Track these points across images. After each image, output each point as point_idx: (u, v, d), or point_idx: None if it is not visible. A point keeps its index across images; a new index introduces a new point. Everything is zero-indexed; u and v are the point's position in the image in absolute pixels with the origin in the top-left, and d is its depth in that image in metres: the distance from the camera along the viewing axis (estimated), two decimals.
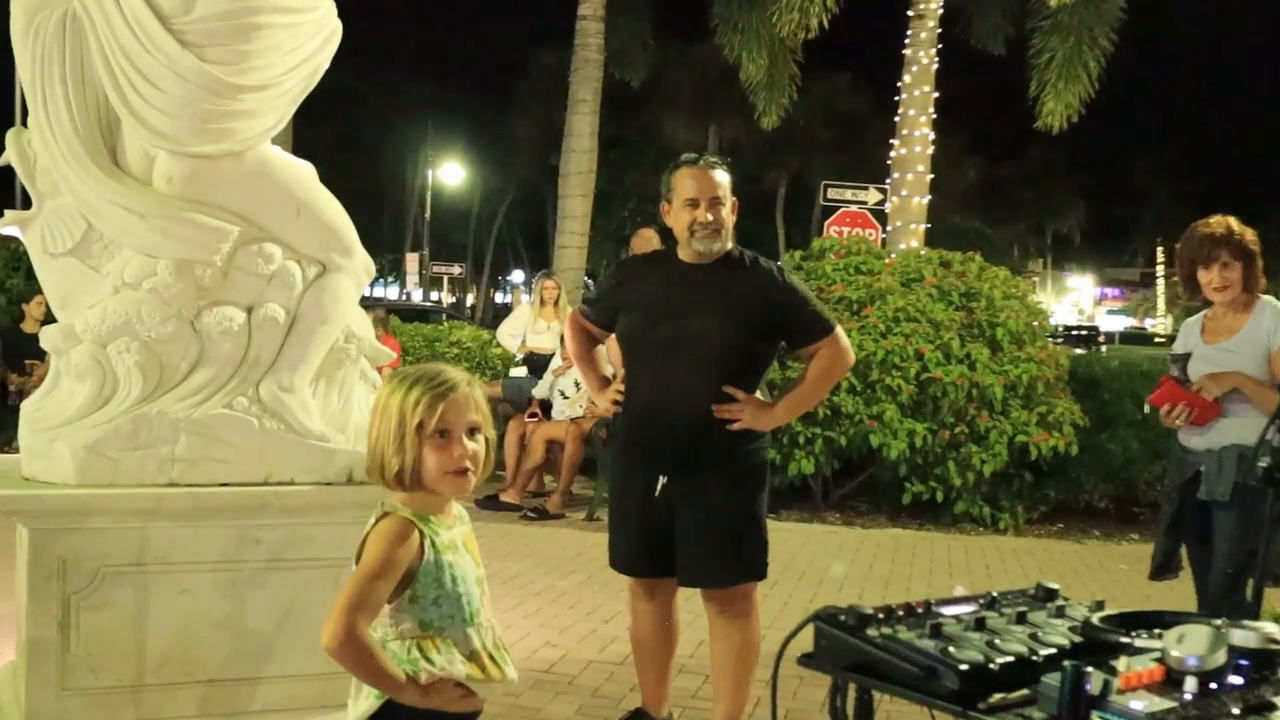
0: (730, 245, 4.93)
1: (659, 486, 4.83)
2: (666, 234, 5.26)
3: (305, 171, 4.86)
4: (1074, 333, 50.65)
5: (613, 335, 5.27)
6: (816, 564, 9.19)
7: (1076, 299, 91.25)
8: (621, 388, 5.03)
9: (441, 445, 2.92)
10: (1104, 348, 41.76)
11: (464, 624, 2.95)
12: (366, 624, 2.79)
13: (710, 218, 4.82)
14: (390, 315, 15.98)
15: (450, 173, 53.99)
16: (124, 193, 4.48)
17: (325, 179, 4.95)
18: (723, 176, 4.90)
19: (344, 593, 2.80)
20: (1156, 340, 51.59)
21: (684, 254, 4.95)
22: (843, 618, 2.45)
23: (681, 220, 4.88)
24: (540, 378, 11.89)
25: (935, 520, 11.10)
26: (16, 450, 4.73)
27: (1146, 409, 5.78)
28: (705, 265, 4.89)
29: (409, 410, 2.90)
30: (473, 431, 2.97)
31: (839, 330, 4.99)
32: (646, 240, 10.20)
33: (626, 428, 5.05)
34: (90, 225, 4.57)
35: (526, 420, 11.52)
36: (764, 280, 4.90)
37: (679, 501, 4.82)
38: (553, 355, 11.89)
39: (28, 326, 12.99)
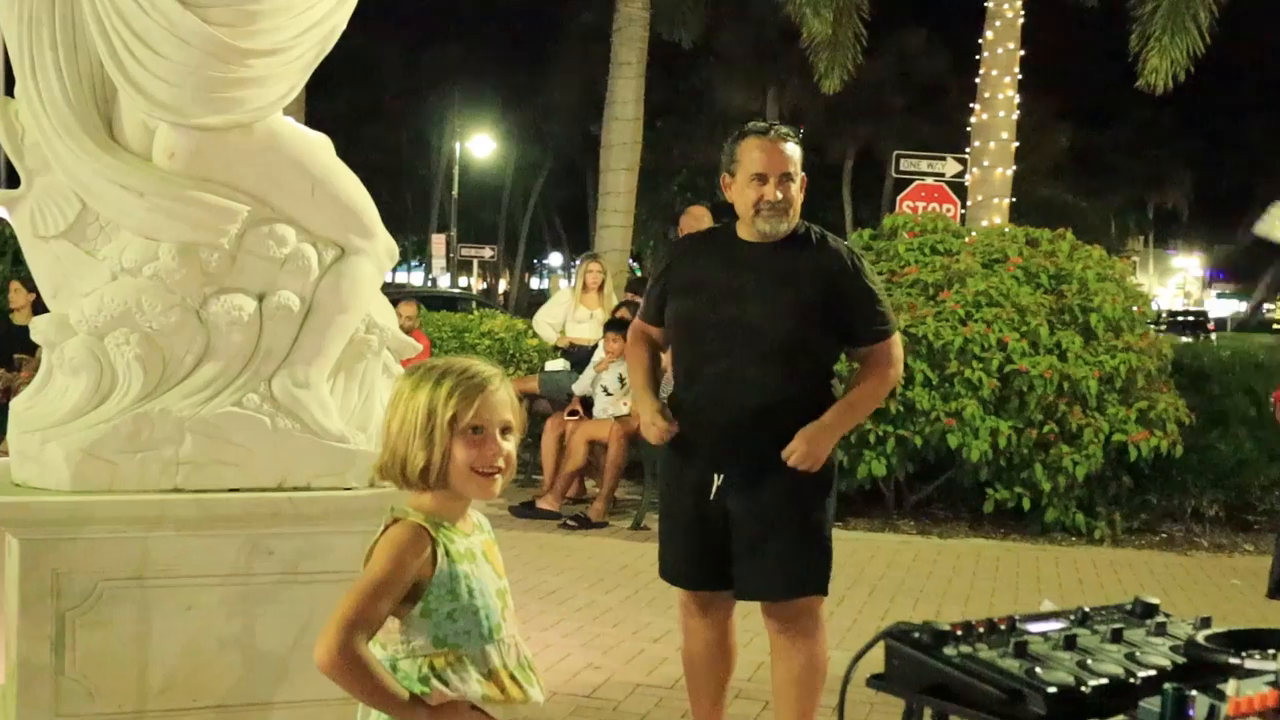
0: (796, 222, 4.93)
1: (714, 488, 4.85)
2: (720, 211, 5.26)
3: (320, 145, 4.89)
4: (1179, 319, 50.31)
5: None
6: (888, 577, 9.18)
7: (1182, 281, 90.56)
8: (673, 428, 5.00)
9: (475, 441, 2.95)
10: (1213, 336, 41.48)
11: (482, 640, 2.97)
12: (365, 640, 2.81)
13: (779, 196, 4.82)
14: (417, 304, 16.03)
15: (480, 145, 54.09)
16: (121, 169, 4.52)
17: (342, 153, 4.98)
18: (794, 150, 4.91)
19: (342, 604, 2.82)
20: (1275, 327, 51.13)
21: (744, 232, 4.95)
22: (917, 635, 2.45)
23: (746, 197, 4.88)
24: (581, 371, 11.91)
25: (1021, 529, 11.06)
26: (5, 453, 4.78)
27: (1273, 406, 5.74)
28: (768, 244, 4.90)
29: (441, 402, 2.93)
30: (505, 431, 3.01)
31: (896, 337, 5.02)
32: (697, 219, 10.21)
33: (678, 423, 5.05)
34: (85, 205, 4.61)
35: (566, 418, 11.55)
36: (832, 262, 4.90)
37: (736, 505, 4.83)
38: (595, 347, 11.90)
39: (16, 317, 13.11)
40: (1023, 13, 19.85)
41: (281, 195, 4.71)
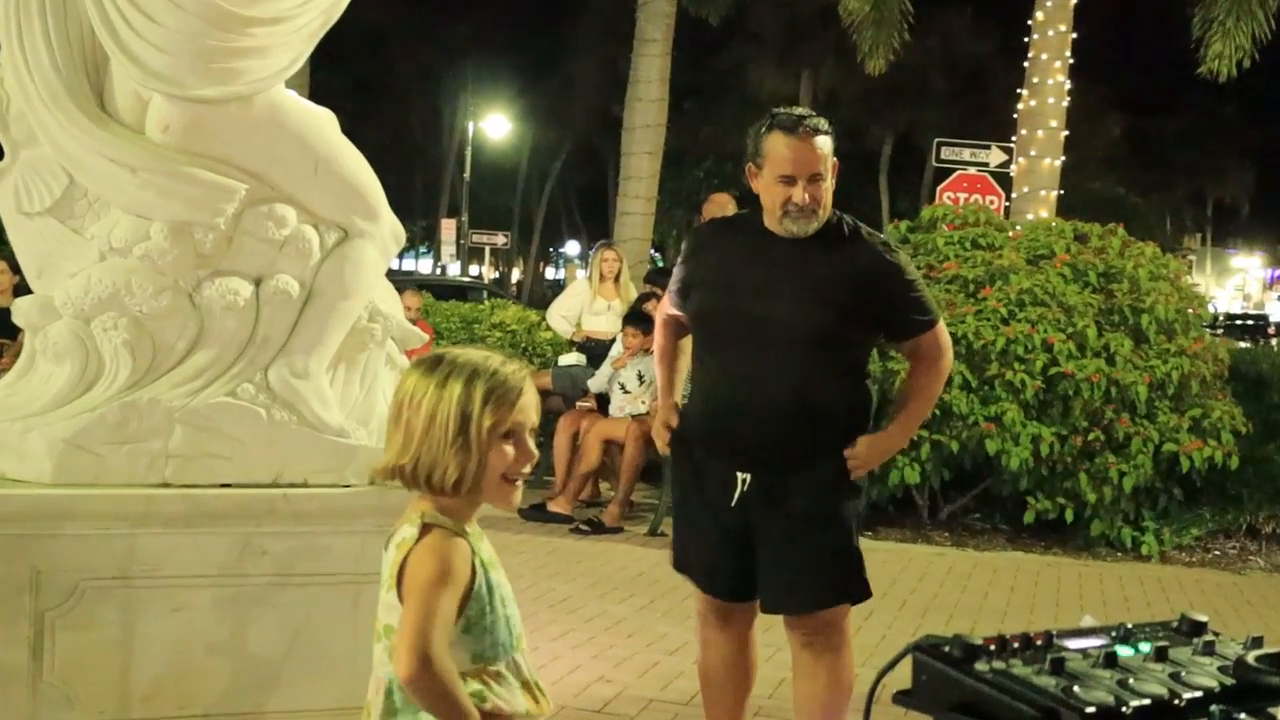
0: (827, 216, 4.91)
1: (737, 492, 4.85)
2: (746, 199, 5.23)
3: (324, 121, 4.91)
4: (1237, 322, 50.18)
5: None
6: (920, 591, 9.18)
7: (1241, 282, 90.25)
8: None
9: (509, 448, 2.96)
10: (1274, 341, 41.32)
11: (511, 651, 2.99)
12: (444, 644, 2.78)
13: (808, 198, 4.80)
14: (422, 291, 16.06)
15: (494, 125, 54.07)
16: (112, 143, 4.53)
17: (348, 131, 5.00)
18: (825, 144, 4.86)
19: (407, 614, 2.80)
20: None
21: (772, 224, 4.94)
22: (947, 649, 2.45)
23: (773, 195, 4.85)
24: (597, 367, 11.92)
25: (1063, 543, 11.04)
26: None
27: None
28: (797, 238, 4.89)
29: (477, 407, 2.91)
30: (531, 433, 3.02)
31: (940, 326, 5.01)
32: (720, 207, 10.22)
33: (697, 421, 5.05)
34: (72, 180, 4.64)
35: (580, 406, 11.56)
36: (865, 256, 4.89)
37: (760, 511, 4.83)
38: (613, 341, 11.91)
39: None
40: None
41: (282, 173, 4.72)
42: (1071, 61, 19.85)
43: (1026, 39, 20.11)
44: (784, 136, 4.84)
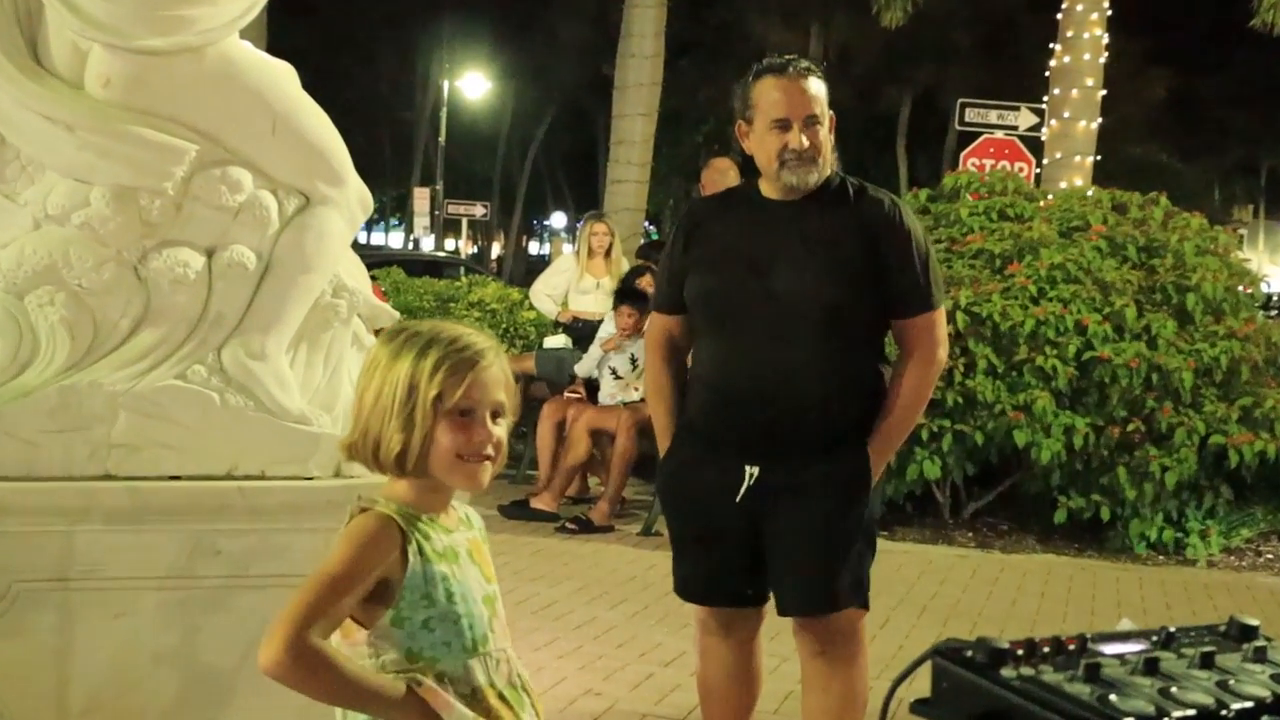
0: (830, 171, 4.91)
1: (744, 487, 4.83)
2: (748, 166, 5.23)
3: (283, 75, 4.89)
4: None
5: None
6: (941, 596, 9.20)
7: None
8: None
9: (461, 425, 2.95)
10: None
11: (464, 654, 2.97)
12: (320, 634, 2.80)
13: (805, 143, 4.81)
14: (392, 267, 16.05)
15: (472, 85, 54.05)
16: (47, 98, 4.51)
17: (310, 89, 4.98)
18: (818, 87, 4.89)
19: (291, 600, 2.83)
20: None
21: (769, 189, 4.94)
22: (970, 654, 2.45)
23: (767, 147, 4.86)
24: (585, 350, 11.91)
25: (1099, 545, 11.05)
26: None
27: None
28: (797, 201, 4.88)
29: (425, 378, 2.92)
30: (496, 413, 3.01)
31: (940, 315, 4.99)
32: (720, 172, 10.19)
33: (697, 412, 5.04)
34: (3, 140, 4.61)
35: (567, 394, 11.56)
36: (874, 215, 4.88)
37: (771, 507, 4.82)
38: (601, 321, 11.90)
39: None
40: None
41: (236, 133, 4.70)
42: (1109, 13, 19.87)
43: None
44: (773, 79, 4.89)
